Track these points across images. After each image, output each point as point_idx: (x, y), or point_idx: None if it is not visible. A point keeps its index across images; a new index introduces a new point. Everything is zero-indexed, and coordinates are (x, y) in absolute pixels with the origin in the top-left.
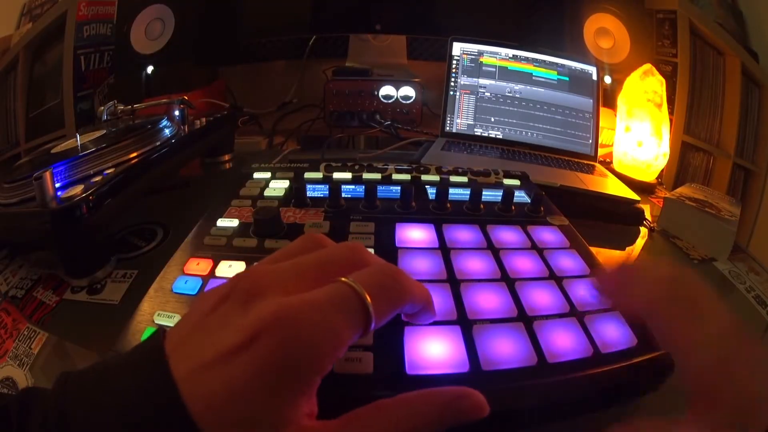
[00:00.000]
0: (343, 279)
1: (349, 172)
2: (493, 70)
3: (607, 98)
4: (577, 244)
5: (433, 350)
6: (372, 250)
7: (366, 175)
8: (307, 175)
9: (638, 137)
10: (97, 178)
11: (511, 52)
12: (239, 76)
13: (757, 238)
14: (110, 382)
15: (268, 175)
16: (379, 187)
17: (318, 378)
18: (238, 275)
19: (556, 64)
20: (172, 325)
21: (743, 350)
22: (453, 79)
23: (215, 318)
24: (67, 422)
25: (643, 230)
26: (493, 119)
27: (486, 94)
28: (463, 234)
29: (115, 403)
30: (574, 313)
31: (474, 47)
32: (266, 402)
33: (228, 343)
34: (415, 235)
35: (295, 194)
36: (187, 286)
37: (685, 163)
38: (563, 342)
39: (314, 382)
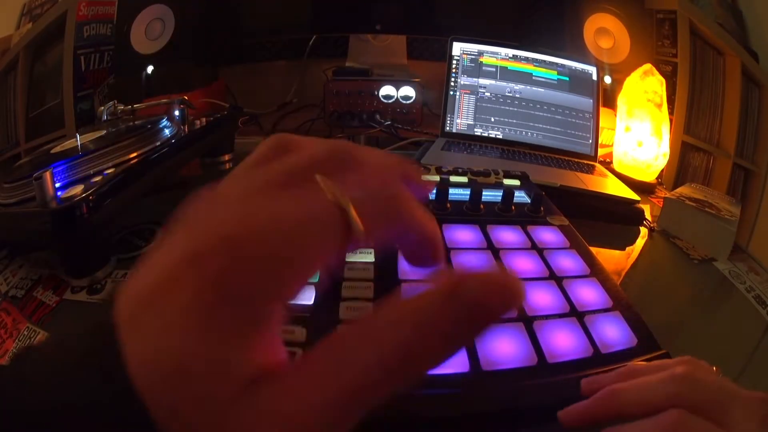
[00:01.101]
0: (324, 194)
1: None
2: (493, 70)
3: (607, 98)
4: (577, 244)
5: None
6: (372, 251)
7: None
8: None
9: (638, 137)
10: (97, 178)
11: (511, 52)
12: (239, 76)
13: (757, 238)
14: (65, 347)
15: None
16: None
17: (277, 308)
18: (199, 193)
19: (556, 64)
20: None
21: None
22: (453, 79)
23: (156, 251)
24: (20, 382)
25: (643, 230)
26: (493, 119)
27: (486, 94)
28: (463, 234)
29: (64, 368)
30: (574, 313)
31: (474, 47)
32: (206, 344)
33: (164, 273)
34: None
35: None
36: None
37: (685, 163)
38: (563, 342)
39: (270, 311)
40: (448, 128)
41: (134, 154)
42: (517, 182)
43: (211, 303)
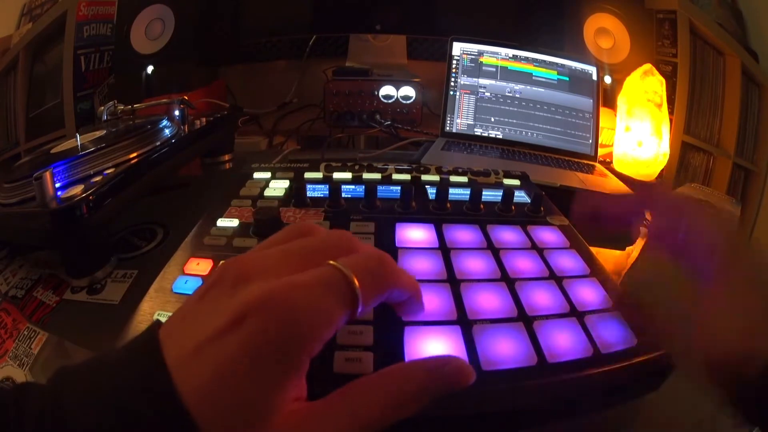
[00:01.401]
0: (330, 262)
1: (349, 172)
2: (493, 70)
3: (607, 98)
4: (577, 244)
5: (433, 350)
6: None
7: (366, 175)
8: (307, 175)
9: (638, 137)
10: (97, 178)
11: (511, 52)
12: (239, 76)
13: (757, 238)
14: (105, 374)
15: (268, 175)
16: (379, 187)
17: (306, 359)
18: (226, 262)
19: (556, 64)
20: None
21: None
22: (453, 79)
23: (204, 304)
24: (62, 414)
25: (644, 230)
26: (493, 119)
27: (486, 94)
28: (463, 234)
29: (110, 393)
30: (574, 313)
31: (474, 47)
32: (254, 384)
33: (216, 326)
34: (415, 235)
35: (295, 194)
36: (188, 286)
37: (685, 163)
38: (563, 342)
39: (302, 362)
40: (448, 128)
41: (134, 154)
42: (517, 182)
43: (257, 355)
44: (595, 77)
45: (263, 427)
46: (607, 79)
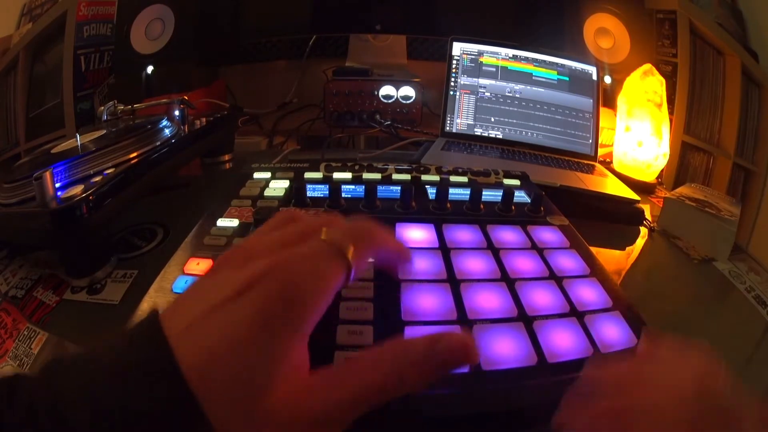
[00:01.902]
0: (321, 237)
1: (349, 172)
2: (493, 70)
3: (607, 98)
4: (577, 244)
5: None
6: None
7: (366, 175)
8: (307, 175)
9: (638, 137)
10: (97, 178)
11: (511, 52)
12: (239, 76)
13: (757, 238)
14: (103, 352)
15: (268, 175)
16: (379, 187)
17: (309, 324)
18: (228, 251)
19: (556, 64)
20: None
21: None
22: (453, 79)
23: (211, 281)
24: (53, 397)
25: (643, 230)
26: (493, 119)
27: (486, 94)
28: (463, 234)
29: (107, 368)
30: (574, 313)
31: (474, 47)
32: (260, 347)
33: (224, 295)
34: (415, 235)
35: (295, 194)
36: (188, 286)
37: (685, 163)
38: (563, 342)
39: (306, 327)
40: (448, 128)
41: (134, 154)
42: (517, 182)
43: (261, 321)
44: (595, 77)
45: (267, 391)
46: (607, 79)
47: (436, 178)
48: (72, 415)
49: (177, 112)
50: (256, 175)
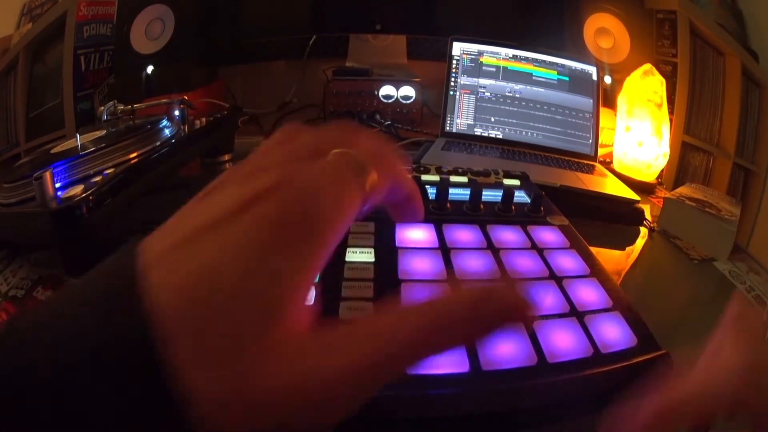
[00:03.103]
0: (340, 150)
1: None
2: (493, 70)
3: (607, 98)
4: (577, 244)
5: None
6: (372, 250)
7: None
8: None
9: (638, 137)
10: (97, 178)
11: (511, 52)
12: (239, 76)
13: (757, 238)
14: (72, 285)
15: None
16: None
17: (321, 253)
18: (228, 170)
19: (556, 64)
20: None
21: None
22: (453, 79)
23: (206, 199)
24: (16, 340)
25: (643, 230)
26: (493, 119)
27: (486, 94)
28: (463, 234)
29: (71, 299)
30: (574, 313)
31: (474, 47)
32: (258, 273)
33: (221, 210)
34: (415, 235)
35: None
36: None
37: (685, 163)
38: (563, 342)
39: (317, 257)
40: (448, 128)
41: (134, 154)
42: (517, 182)
43: (266, 243)
44: (595, 77)
45: (273, 326)
46: (607, 79)
47: (436, 178)
48: (32, 346)
49: (177, 112)
50: None
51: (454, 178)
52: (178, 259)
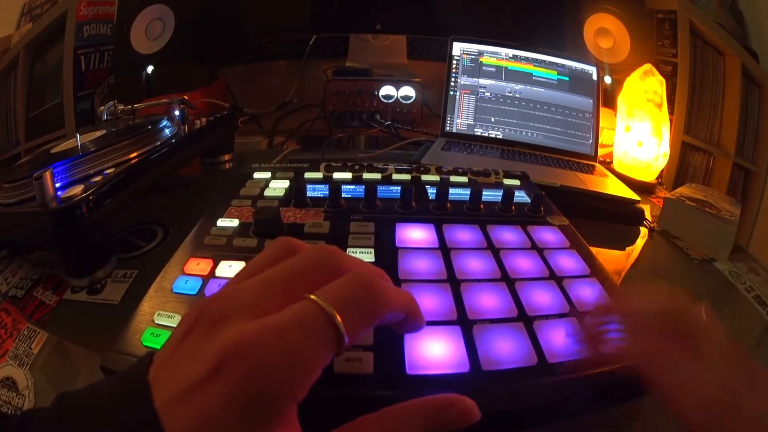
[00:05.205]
0: (310, 296)
1: (349, 172)
2: (493, 70)
3: (607, 98)
4: (577, 244)
5: (434, 350)
6: (372, 251)
7: (366, 175)
8: (307, 175)
9: (638, 137)
10: (97, 178)
11: (511, 52)
12: (239, 76)
13: (757, 238)
14: (102, 409)
15: (268, 175)
16: (379, 187)
17: (290, 405)
18: (205, 300)
19: (556, 64)
20: (172, 324)
21: None
22: (453, 79)
23: (184, 349)
24: None
25: (643, 230)
26: (493, 119)
27: (486, 94)
28: (463, 234)
29: (106, 429)
30: (574, 313)
31: (474, 47)
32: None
33: (196, 374)
34: (415, 235)
35: (295, 194)
36: (188, 286)
37: (685, 163)
38: (563, 342)
39: (286, 409)
40: (448, 128)
41: (134, 154)
42: (517, 182)
43: (226, 420)
44: (595, 77)
45: None
46: (607, 79)
47: (436, 178)
48: None
49: (177, 112)
50: (256, 175)
51: (454, 178)
52: (179, 411)
